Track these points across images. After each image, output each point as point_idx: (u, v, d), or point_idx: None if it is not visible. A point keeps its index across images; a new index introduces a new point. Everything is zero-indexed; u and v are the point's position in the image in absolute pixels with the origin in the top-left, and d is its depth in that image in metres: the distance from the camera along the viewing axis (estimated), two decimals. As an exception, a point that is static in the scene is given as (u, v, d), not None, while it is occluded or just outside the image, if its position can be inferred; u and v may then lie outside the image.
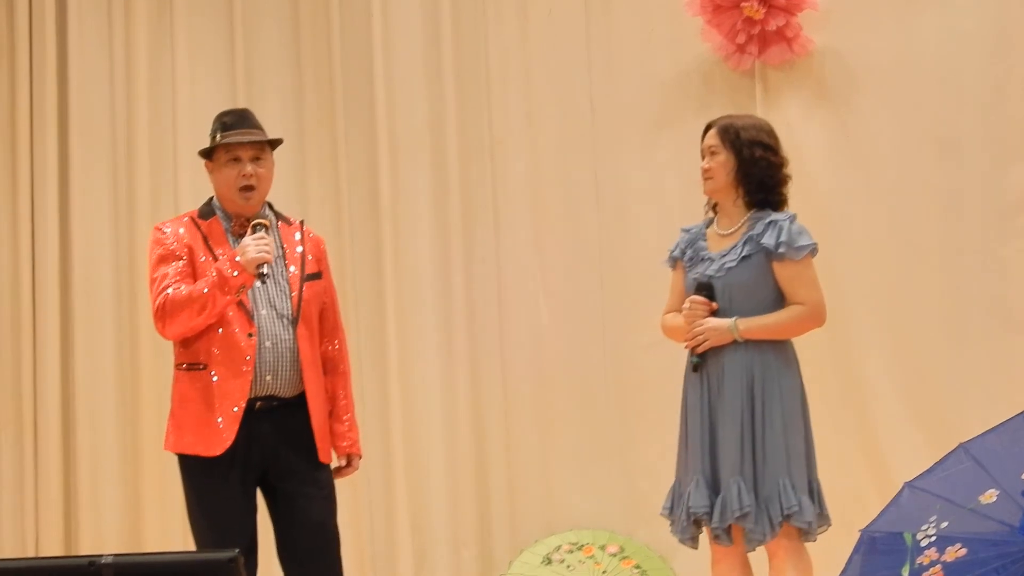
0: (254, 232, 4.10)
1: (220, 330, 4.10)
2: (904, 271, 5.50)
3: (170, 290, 4.08)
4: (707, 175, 4.36)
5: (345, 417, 4.31)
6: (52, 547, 6.12)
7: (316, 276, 4.27)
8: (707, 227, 4.42)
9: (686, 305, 4.28)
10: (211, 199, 4.27)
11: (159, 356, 6.17)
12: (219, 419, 4.07)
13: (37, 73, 6.32)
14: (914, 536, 3.48)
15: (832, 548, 4.22)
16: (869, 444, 5.47)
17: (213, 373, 4.10)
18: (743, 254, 4.26)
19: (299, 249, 4.26)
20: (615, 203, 5.92)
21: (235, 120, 4.22)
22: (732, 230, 4.33)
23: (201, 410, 4.11)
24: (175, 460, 6.15)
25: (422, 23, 6.14)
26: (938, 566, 3.39)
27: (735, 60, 5.66)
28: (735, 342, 4.20)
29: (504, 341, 6.01)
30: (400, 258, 6.08)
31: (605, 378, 5.90)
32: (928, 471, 3.77)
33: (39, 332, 6.24)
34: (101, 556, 3.12)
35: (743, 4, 5.52)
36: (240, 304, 4.11)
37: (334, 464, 4.30)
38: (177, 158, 6.24)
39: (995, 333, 5.39)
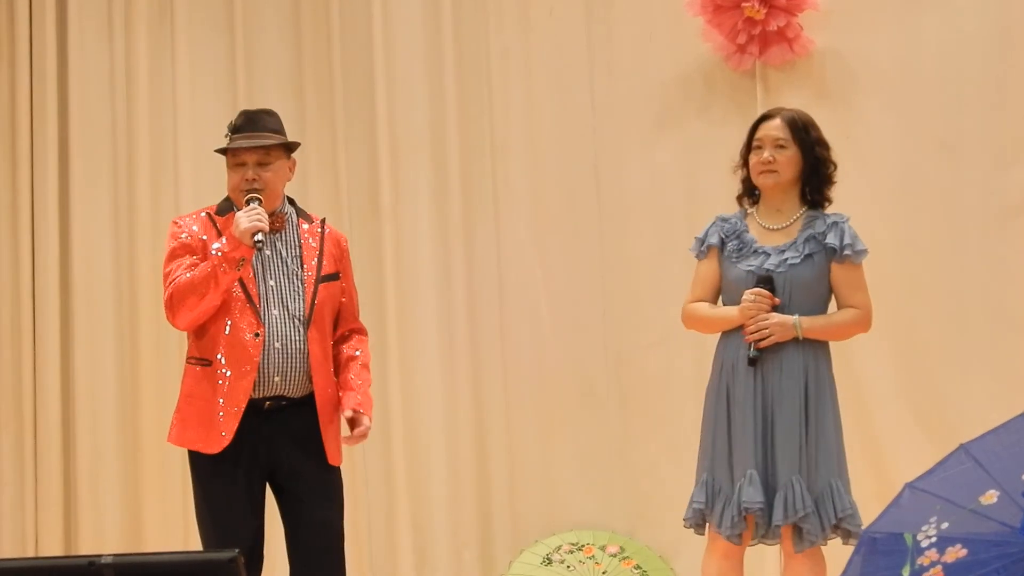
0: (248, 206, 4.10)
1: (228, 328, 4.10)
2: (904, 271, 5.50)
3: (175, 283, 4.09)
4: (771, 167, 4.27)
5: (357, 384, 4.24)
6: (52, 547, 6.12)
7: (333, 277, 4.26)
8: (744, 218, 4.37)
9: (749, 297, 4.20)
10: (228, 195, 4.28)
11: (160, 356, 6.18)
12: (220, 417, 4.08)
13: (37, 76, 6.31)
14: (914, 537, 3.47)
15: (832, 548, 4.22)
16: (869, 445, 5.47)
17: (218, 371, 4.09)
18: (806, 252, 4.23)
19: (316, 249, 4.25)
20: (616, 202, 5.91)
21: (243, 123, 4.22)
22: (783, 225, 4.29)
23: (204, 406, 4.12)
24: (175, 460, 6.18)
25: (423, 23, 6.14)
26: (938, 567, 3.38)
27: (736, 60, 5.65)
28: (794, 340, 4.19)
29: (505, 341, 6.01)
30: (400, 258, 6.08)
31: (606, 378, 5.90)
32: (928, 472, 3.76)
33: (39, 332, 6.24)
34: (101, 556, 3.12)
35: (744, 4, 5.52)
36: (249, 303, 4.11)
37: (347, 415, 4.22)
38: (177, 160, 6.23)
39: (996, 333, 5.39)
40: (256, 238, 4.02)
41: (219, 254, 4.04)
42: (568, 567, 5.64)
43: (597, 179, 5.94)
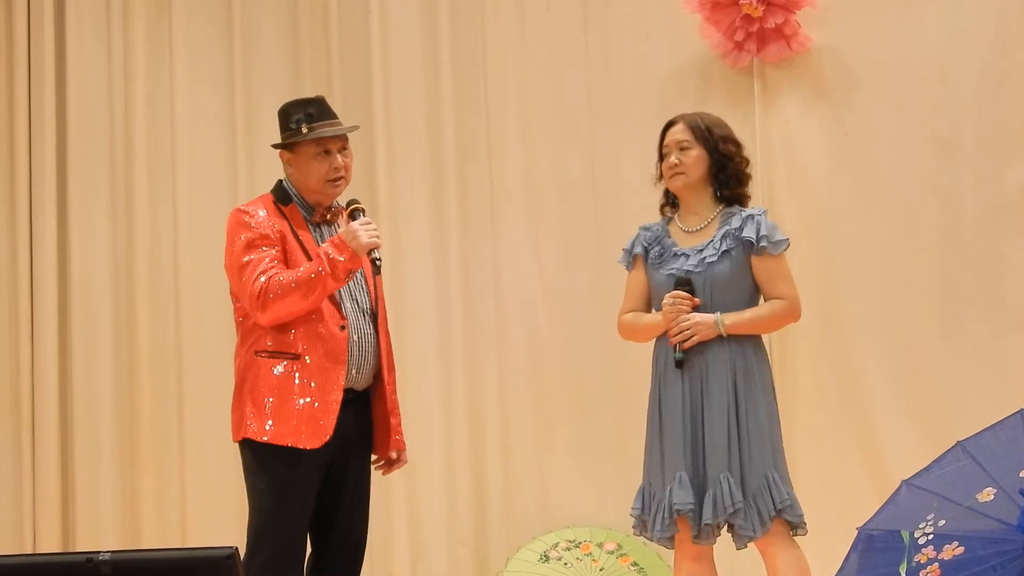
0: (353, 217, 4.08)
1: (317, 322, 4.05)
2: (902, 269, 5.50)
3: (269, 275, 4.00)
4: (678, 170, 4.35)
5: (397, 411, 4.32)
6: (50, 544, 6.12)
7: (379, 271, 4.26)
8: (667, 224, 4.43)
9: (668, 300, 4.25)
10: (281, 184, 4.21)
11: (156, 354, 6.18)
12: (317, 410, 4.01)
13: (35, 77, 6.31)
14: (911, 534, 3.48)
15: (830, 546, 4.23)
16: (867, 442, 5.47)
17: (308, 364, 4.03)
18: (723, 248, 4.26)
19: None
20: (612, 199, 5.91)
21: (319, 111, 4.17)
22: (701, 226, 4.34)
23: (298, 401, 4.02)
24: (172, 457, 6.19)
25: (420, 20, 6.14)
26: (935, 564, 3.38)
27: (733, 57, 5.65)
28: (719, 337, 4.21)
29: (501, 338, 6.01)
30: (397, 255, 6.07)
31: (602, 374, 5.90)
32: (926, 469, 3.77)
33: (37, 329, 6.24)
34: (99, 553, 3.13)
35: (742, 1, 5.51)
36: (331, 297, 4.08)
37: (387, 457, 4.31)
38: (175, 161, 6.23)
39: (993, 331, 5.39)
40: (374, 255, 4.02)
41: (332, 262, 3.97)
42: (566, 564, 5.64)
43: (593, 176, 5.94)
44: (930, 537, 3.42)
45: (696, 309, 4.24)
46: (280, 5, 6.30)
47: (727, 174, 4.36)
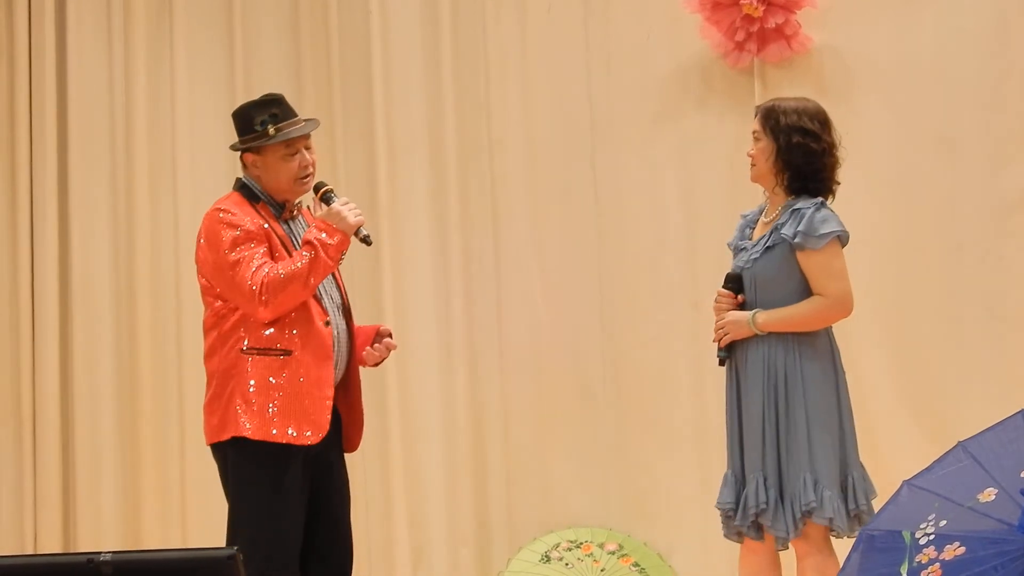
0: (326, 199, 4.10)
1: (307, 317, 4.04)
2: (902, 268, 5.51)
3: (265, 270, 3.99)
4: (751, 161, 4.28)
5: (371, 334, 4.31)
6: (51, 544, 6.13)
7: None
8: (759, 214, 4.36)
9: (715, 298, 4.26)
10: (244, 183, 4.19)
11: (157, 354, 6.18)
12: (309, 406, 4.01)
13: (36, 77, 6.31)
14: (912, 534, 3.48)
15: (835, 544, 4.22)
16: (867, 442, 5.44)
17: (302, 360, 4.02)
18: (767, 244, 4.19)
19: None
20: (613, 200, 5.92)
21: (283, 111, 4.16)
22: (771, 218, 4.26)
23: (292, 397, 4.00)
24: (172, 457, 6.18)
25: (420, 20, 6.14)
26: (936, 564, 3.38)
27: (734, 57, 5.66)
28: (756, 335, 4.16)
29: (502, 338, 6.01)
30: (398, 255, 6.08)
31: (603, 375, 5.90)
32: (927, 469, 3.76)
33: (38, 330, 6.24)
34: (100, 553, 3.13)
35: (742, 1, 5.52)
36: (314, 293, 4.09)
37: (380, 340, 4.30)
38: (176, 159, 6.24)
39: (994, 331, 5.40)
40: (362, 232, 4.05)
41: (324, 246, 4.00)
42: (567, 564, 5.65)
43: (594, 176, 5.95)
44: (931, 537, 3.41)
45: (742, 306, 4.21)
46: (280, 5, 6.30)
47: (790, 167, 4.22)
